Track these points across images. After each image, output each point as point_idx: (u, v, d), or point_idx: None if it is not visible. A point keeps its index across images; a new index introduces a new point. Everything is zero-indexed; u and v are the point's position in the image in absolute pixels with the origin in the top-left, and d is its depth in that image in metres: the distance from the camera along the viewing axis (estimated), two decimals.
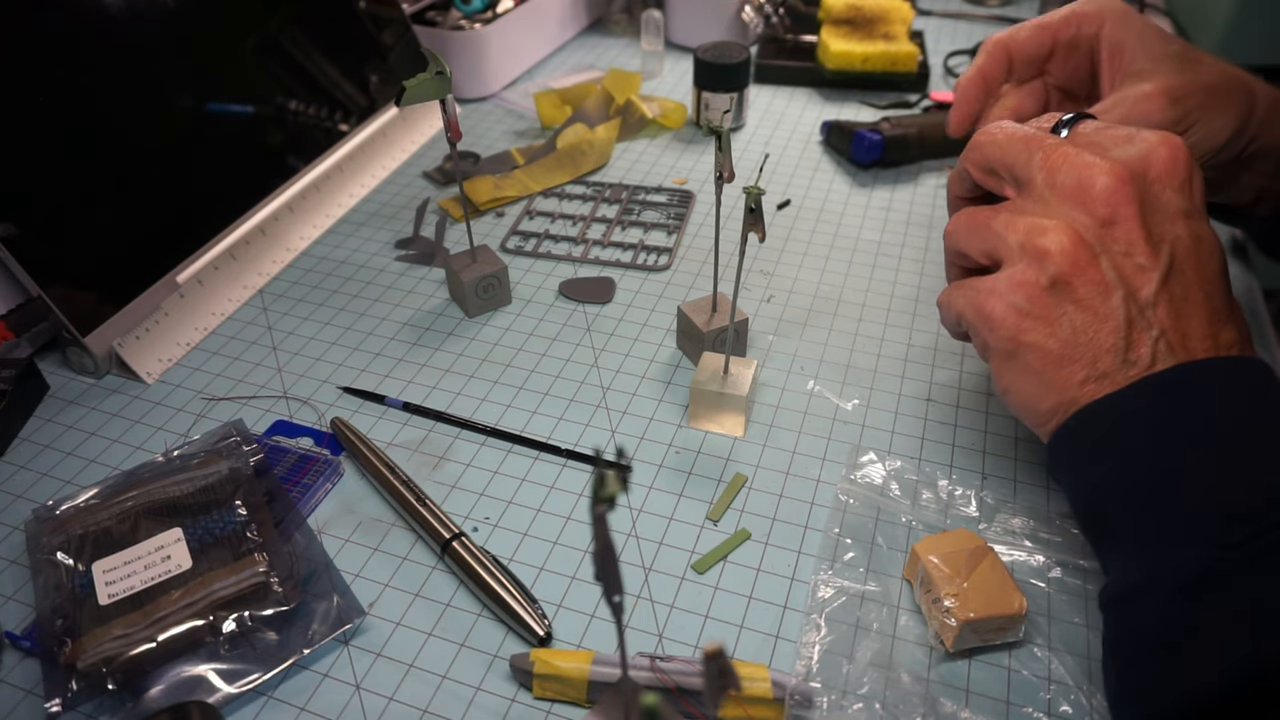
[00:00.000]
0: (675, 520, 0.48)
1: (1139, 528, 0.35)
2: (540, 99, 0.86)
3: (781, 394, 0.56)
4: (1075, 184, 0.37)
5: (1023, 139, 0.40)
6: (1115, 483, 0.36)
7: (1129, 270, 0.36)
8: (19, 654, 0.43)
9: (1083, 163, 0.38)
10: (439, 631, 0.43)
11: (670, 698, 0.38)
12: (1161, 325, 0.36)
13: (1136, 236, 0.36)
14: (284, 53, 0.73)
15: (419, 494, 0.48)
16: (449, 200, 0.75)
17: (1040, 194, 0.39)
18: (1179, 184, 0.37)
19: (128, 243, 0.59)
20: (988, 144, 0.42)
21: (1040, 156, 0.39)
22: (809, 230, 0.72)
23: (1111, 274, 0.36)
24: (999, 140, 0.41)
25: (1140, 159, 0.37)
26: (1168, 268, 0.36)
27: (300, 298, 0.65)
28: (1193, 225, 0.37)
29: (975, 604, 0.40)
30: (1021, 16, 1.10)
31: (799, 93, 0.94)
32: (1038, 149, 0.39)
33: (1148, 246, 0.36)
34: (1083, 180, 0.37)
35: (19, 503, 0.50)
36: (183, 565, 0.43)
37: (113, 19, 0.61)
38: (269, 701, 0.41)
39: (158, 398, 0.57)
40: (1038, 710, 0.39)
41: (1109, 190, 0.37)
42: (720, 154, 0.47)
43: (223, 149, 0.67)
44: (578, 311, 0.64)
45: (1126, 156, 0.38)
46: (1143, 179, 0.37)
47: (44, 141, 0.56)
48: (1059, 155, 0.38)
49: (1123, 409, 0.36)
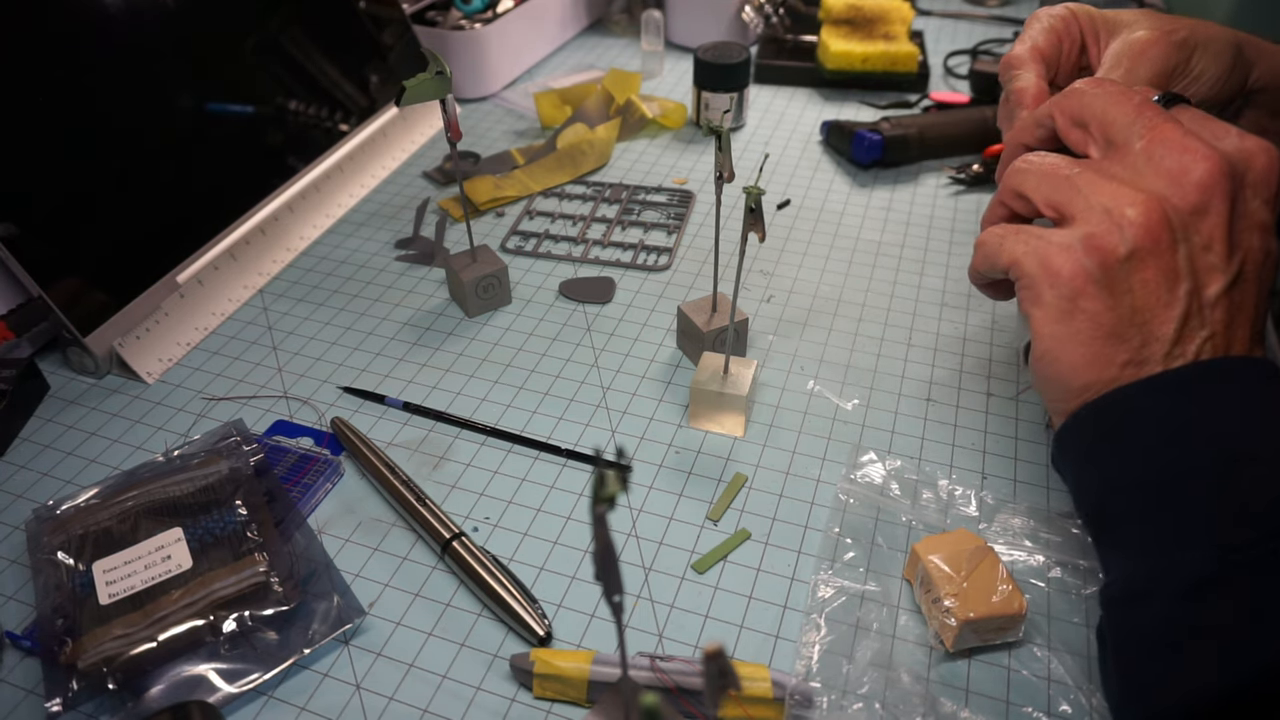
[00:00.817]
0: (675, 520, 0.48)
1: (1144, 527, 0.35)
2: (540, 99, 0.86)
3: (781, 394, 0.56)
4: (1176, 164, 0.36)
5: (1131, 101, 0.39)
6: (1122, 479, 0.36)
7: (1202, 265, 0.36)
8: (19, 654, 0.43)
9: (1189, 145, 0.36)
10: (439, 631, 0.43)
11: (670, 698, 0.38)
12: (1214, 327, 0.36)
13: (1219, 234, 0.36)
14: (284, 53, 0.73)
15: (419, 494, 0.48)
16: (449, 200, 0.75)
17: (1135, 162, 0.38)
18: (1269, 195, 0.37)
19: (128, 243, 0.59)
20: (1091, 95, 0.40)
21: (1145, 123, 0.38)
22: (809, 230, 0.72)
23: (1185, 264, 0.36)
24: (1105, 94, 0.40)
25: (1242, 159, 0.37)
26: (1237, 273, 0.36)
27: (300, 298, 0.65)
28: (1267, 239, 0.37)
29: (975, 604, 0.40)
30: (1021, 17, 1.10)
31: (799, 93, 0.94)
32: (1144, 115, 0.38)
33: (1225, 247, 0.36)
34: (1185, 162, 0.36)
35: (19, 503, 0.50)
36: (183, 565, 0.43)
37: (113, 19, 0.61)
38: (269, 701, 0.41)
39: (158, 398, 0.57)
40: (1038, 710, 0.39)
41: (1207, 180, 0.36)
42: (720, 154, 0.47)
43: (223, 149, 0.67)
44: (578, 311, 0.64)
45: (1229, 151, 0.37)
46: (1241, 180, 0.36)
47: (44, 141, 0.56)
48: (1167, 129, 0.37)
49: (1133, 405, 0.36)
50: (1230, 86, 0.47)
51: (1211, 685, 0.31)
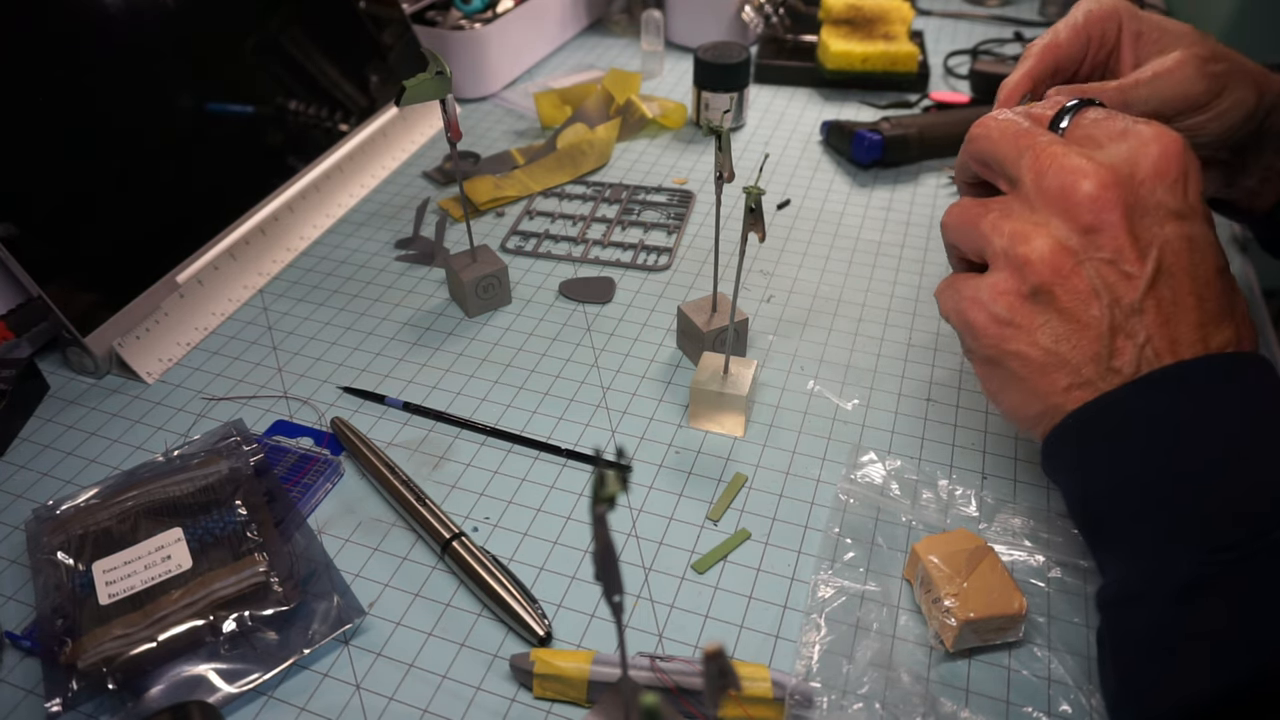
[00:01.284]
0: (675, 520, 0.48)
1: (1132, 530, 0.35)
2: (540, 99, 0.86)
3: (781, 394, 0.56)
4: (1060, 189, 0.37)
5: (1014, 135, 0.39)
6: (1108, 485, 0.36)
7: (1113, 277, 0.36)
8: (19, 654, 0.43)
9: (1068, 166, 0.37)
10: (439, 631, 0.43)
11: (670, 698, 0.38)
12: (1148, 332, 0.35)
13: (1122, 243, 0.36)
14: (284, 53, 0.73)
15: (419, 494, 0.48)
16: (449, 200, 0.75)
17: (1028, 196, 0.38)
18: (1170, 182, 0.36)
19: (128, 243, 0.59)
20: (982, 137, 0.41)
21: (1029, 157, 0.38)
22: (809, 230, 0.72)
23: (1096, 282, 0.36)
24: (992, 135, 0.40)
25: (1129, 159, 0.37)
26: (1154, 273, 0.36)
27: (300, 298, 0.65)
28: (1185, 226, 0.36)
29: (975, 604, 0.40)
30: (1021, 17, 1.10)
31: (799, 93, 0.94)
32: (1028, 148, 0.38)
33: (1134, 252, 0.36)
34: (1067, 185, 0.36)
35: (19, 503, 0.50)
36: (183, 565, 0.43)
37: (113, 19, 0.61)
38: (269, 701, 0.41)
39: (158, 398, 0.57)
40: (1038, 710, 0.39)
41: (1093, 197, 0.36)
42: (720, 154, 0.47)
43: (223, 149, 0.67)
44: (578, 311, 0.64)
45: (1115, 158, 0.37)
46: (1130, 181, 0.36)
47: (44, 141, 0.56)
48: (1046, 156, 0.38)
49: (1115, 410, 0.36)
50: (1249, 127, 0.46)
51: (1205, 689, 0.31)
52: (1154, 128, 0.37)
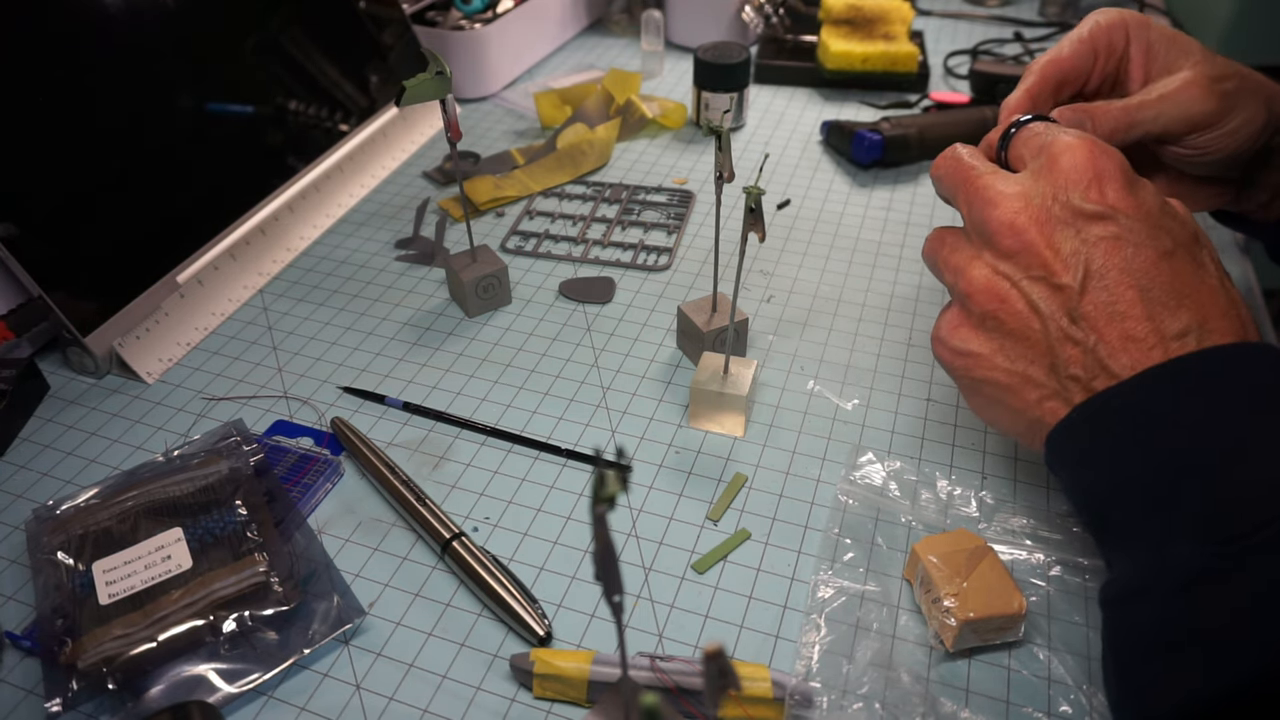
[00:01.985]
0: (675, 520, 0.48)
1: (1136, 526, 0.35)
2: (540, 99, 0.86)
3: (781, 394, 0.56)
4: (982, 220, 0.39)
5: (954, 172, 0.42)
6: (1110, 481, 0.36)
7: (1045, 292, 0.37)
8: (19, 654, 0.43)
9: (985, 198, 0.39)
10: (439, 631, 0.43)
11: (670, 698, 0.38)
12: (1095, 334, 0.36)
13: (1045, 258, 0.37)
14: (284, 53, 0.73)
15: (419, 494, 0.48)
16: (449, 200, 0.75)
17: (968, 228, 0.41)
18: (1084, 188, 0.37)
19: (128, 243, 0.59)
20: (936, 178, 0.44)
21: (962, 192, 0.41)
22: (809, 230, 0.72)
23: (1033, 299, 0.37)
24: (940, 175, 0.43)
25: (1040, 174, 0.38)
26: (1084, 278, 0.37)
27: (300, 298, 0.65)
28: (1110, 225, 0.37)
29: (975, 604, 0.40)
30: (1021, 17, 1.10)
31: (799, 93, 0.94)
32: (961, 183, 0.41)
33: (1058, 264, 0.37)
34: (986, 216, 0.39)
35: (19, 503, 0.50)
36: (183, 565, 0.43)
37: (113, 19, 0.61)
38: (269, 701, 0.41)
39: (158, 398, 0.57)
40: (1038, 710, 0.39)
41: (1006, 223, 0.38)
42: (720, 154, 0.47)
43: (223, 149, 0.67)
44: (578, 311, 0.64)
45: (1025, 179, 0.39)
46: (1041, 198, 0.38)
47: (44, 141, 0.56)
48: (972, 190, 0.40)
49: (1119, 405, 0.36)
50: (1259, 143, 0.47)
51: (1209, 687, 0.31)
52: (1066, 137, 0.39)
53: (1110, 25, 0.49)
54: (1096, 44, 0.49)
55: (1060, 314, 0.37)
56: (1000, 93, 0.86)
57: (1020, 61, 0.97)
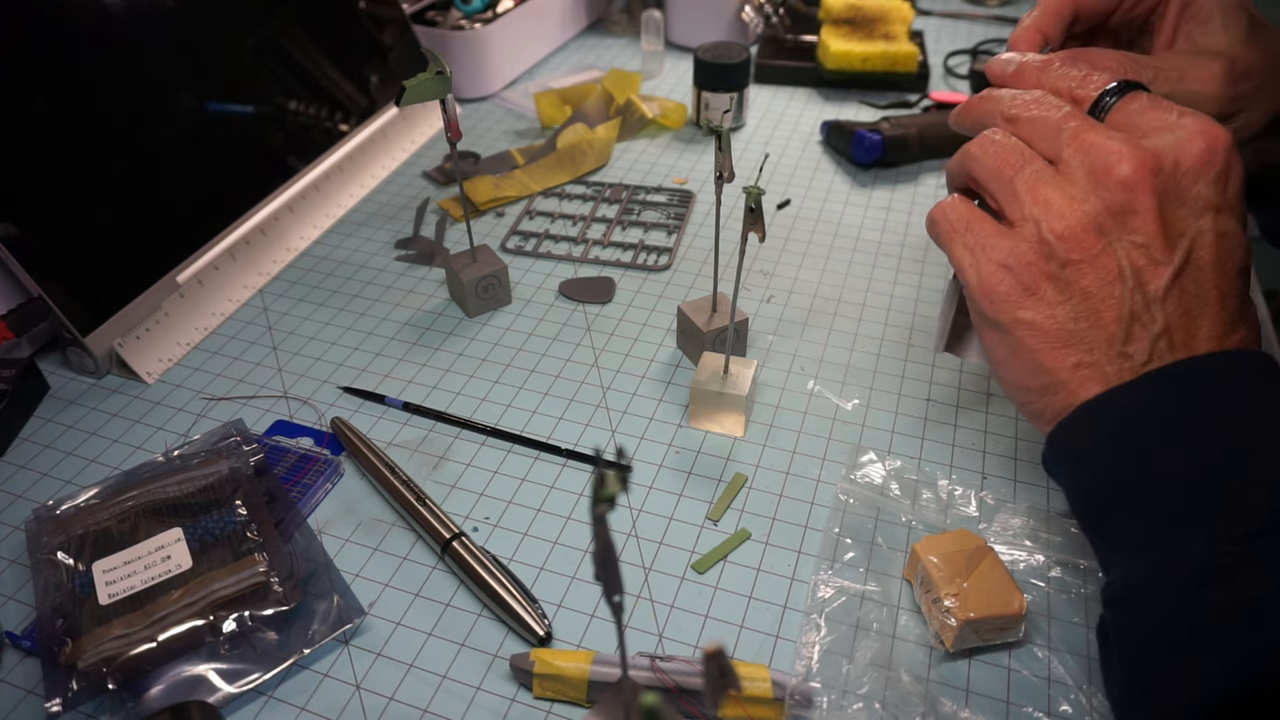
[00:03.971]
0: (675, 520, 0.48)
1: (1142, 524, 0.34)
2: (540, 99, 0.86)
3: (781, 394, 0.56)
4: (1098, 167, 0.36)
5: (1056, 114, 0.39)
6: (1117, 479, 0.35)
7: (1142, 262, 0.36)
8: (19, 654, 0.43)
9: (1109, 148, 0.36)
10: (439, 631, 0.43)
11: (670, 698, 0.38)
12: (1167, 321, 0.35)
13: (1153, 229, 0.36)
14: (284, 53, 0.73)
15: (419, 494, 0.48)
16: (449, 200, 0.75)
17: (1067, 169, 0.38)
18: (1213, 176, 0.36)
19: (128, 243, 0.59)
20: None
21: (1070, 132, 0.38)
22: (809, 230, 0.72)
23: (1123, 263, 0.36)
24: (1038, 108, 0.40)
25: (1174, 148, 0.36)
26: (1183, 263, 0.35)
27: (300, 298, 0.65)
28: (1220, 220, 0.36)
29: (975, 604, 0.40)
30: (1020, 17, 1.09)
31: (799, 93, 0.94)
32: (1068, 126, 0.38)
33: (1163, 240, 0.36)
34: (1106, 164, 0.36)
35: (19, 503, 0.50)
36: (183, 565, 0.43)
37: (113, 19, 0.61)
38: (269, 701, 0.41)
39: (158, 398, 0.57)
40: (1038, 710, 0.39)
41: (1128, 180, 0.36)
42: (720, 154, 0.47)
43: (223, 149, 0.67)
44: (578, 311, 0.64)
45: (1160, 145, 0.36)
46: (1172, 170, 0.36)
47: (44, 141, 0.56)
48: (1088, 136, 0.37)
49: (1125, 403, 0.36)
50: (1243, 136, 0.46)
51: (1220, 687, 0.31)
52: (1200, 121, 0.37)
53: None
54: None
55: (1147, 289, 0.35)
56: None
57: None
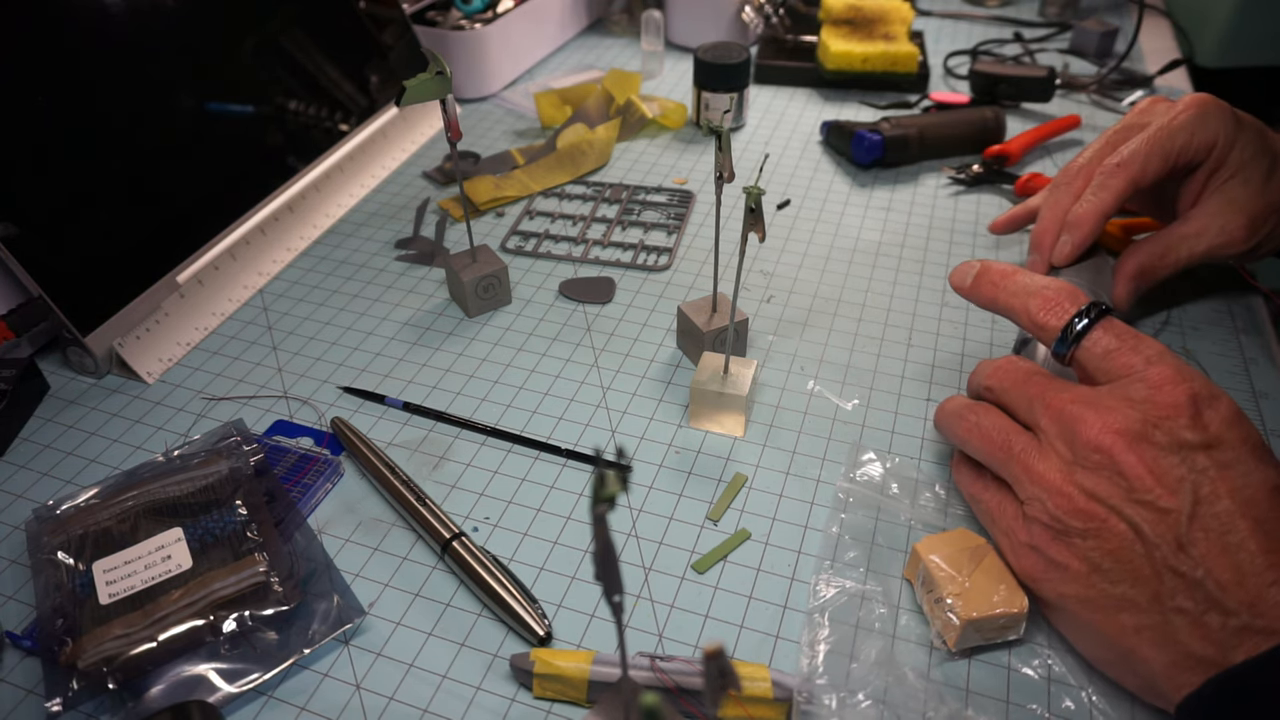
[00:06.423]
0: (675, 520, 0.48)
1: None
2: (540, 99, 0.86)
3: (781, 394, 0.56)
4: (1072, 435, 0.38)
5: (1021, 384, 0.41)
6: None
7: (1150, 516, 0.35)
8: (19, 654, 0.43)
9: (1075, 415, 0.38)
10: (439, 631, 0.43)
11: (670, 698, 0.38)
12: (1205, 565, 0.34)
13: (1148, 482, 0.36)
14: (284, 53, 0.73)
15: (419, 494, 0.48)
16: (449, 200, 0.75)
17: (1049, 441, 0.39)
18: (1186, 422, 0.36)
19: (128, 243, 0.59)
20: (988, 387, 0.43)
21: (1039, 404, 0.40)
22: (809, 230, 0.72)
23: (1135, 521, 0.36)
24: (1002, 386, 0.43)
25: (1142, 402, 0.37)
26: (1192, 504, 0.35)
27: (300, 297, 0.65)
28: (1217, 455, 0.36)
29: (977, 603, 0.40)
30: (1021, 17, 1.10)
31: (799, 93, 0.94)
32: (1039, 398, 0.40)
33: (1162, 489, 0.35)
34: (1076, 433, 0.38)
35: (19, 503, 0.50)
36: (183, 565, 0.43)
37: (113, 19, 0.61)
38: (269, 701, 0.41)
39: (158, 398, 0.57)
40: (1040, 707, 0.39)
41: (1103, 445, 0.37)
42: (720, 154, 0.47)
43: (223, 149, 0.67)
44: (578, 311, 0.64)
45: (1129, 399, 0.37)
46: (1141, 425, 0.36)
47: (44, 141, 0.56)
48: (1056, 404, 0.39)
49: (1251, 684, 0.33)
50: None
51: None
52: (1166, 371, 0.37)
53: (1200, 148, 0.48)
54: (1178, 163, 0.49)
55: (1167, 540, 0.35)
56: (1000, 93, 0.86)
57: (1020, 62, 0.97)
